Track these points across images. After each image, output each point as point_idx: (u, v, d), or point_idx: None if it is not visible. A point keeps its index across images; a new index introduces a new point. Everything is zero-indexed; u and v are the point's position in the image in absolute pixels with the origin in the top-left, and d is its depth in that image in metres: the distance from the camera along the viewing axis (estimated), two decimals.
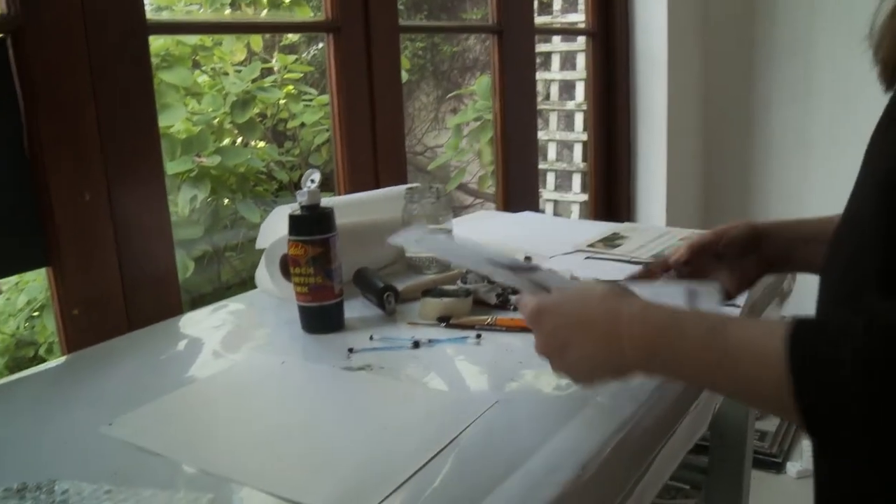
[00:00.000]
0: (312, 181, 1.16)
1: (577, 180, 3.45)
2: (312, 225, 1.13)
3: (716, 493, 1.64)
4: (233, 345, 1.17)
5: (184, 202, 2.76)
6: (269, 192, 3.05)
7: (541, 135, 3.28)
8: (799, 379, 0.62)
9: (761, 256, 1.09)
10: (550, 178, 3.48)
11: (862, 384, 0.59)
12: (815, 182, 2.99)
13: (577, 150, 3.41)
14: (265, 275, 1.31)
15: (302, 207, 1.14)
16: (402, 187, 1.50)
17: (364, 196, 1.54)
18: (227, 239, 2.96)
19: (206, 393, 1.00)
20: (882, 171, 0.70)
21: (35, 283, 2.99)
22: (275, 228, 1.34)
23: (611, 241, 1.62)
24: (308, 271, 1.13)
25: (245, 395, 0.99)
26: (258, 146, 3.22)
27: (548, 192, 3.45)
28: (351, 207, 1.39)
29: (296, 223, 1.14)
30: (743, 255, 1.09)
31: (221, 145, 2.99)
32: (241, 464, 0.82)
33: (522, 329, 1.13)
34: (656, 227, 1.88)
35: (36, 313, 3.11)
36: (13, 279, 3.22)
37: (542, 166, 3.36)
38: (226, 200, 2.98)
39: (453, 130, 3.76)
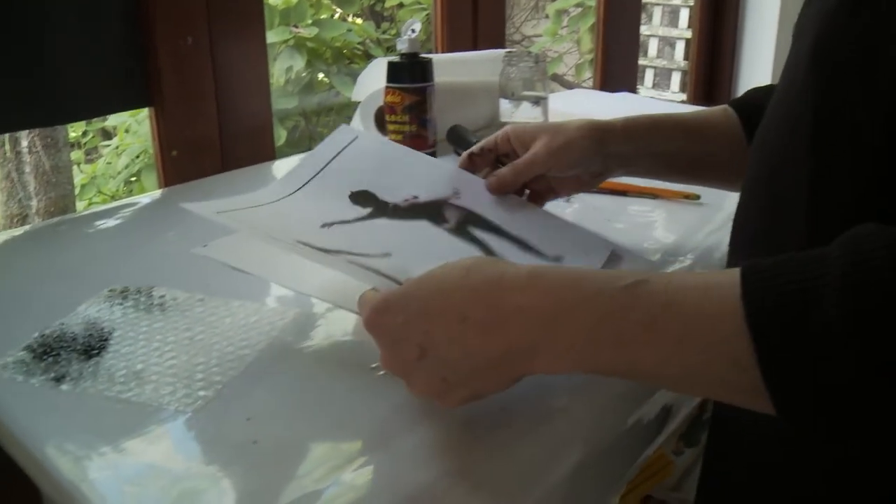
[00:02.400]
0: (413, 31, 1.15)
1: (675, 79, 3.36)
2: (410, 72, 1.13)
3: None
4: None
5: (279, 72, 2.78)
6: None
7: (643, 29, 3.18)
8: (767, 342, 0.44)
9: (606, 159, 0.88)
10: (649, 76, 3.41)
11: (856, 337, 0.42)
12: None
13: (679, 48, 3.31)
14: (359, 127, 1.31)
15: (401, 55, 1.13)
16: (501, 51, 1.47)
17: (462, 56, 1.53)
18: (320, 111, 2.98)
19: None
20: (811, 37, 0.57)
21: (135, 144, 3.07)
22: (372, 80, 1.34)
23: None
24: (403, 119, 1.13)
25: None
26: (355, 22, 3.20)
27: (644, 90, 3.38)
28: (448, 66, 1.38)
29: (394, 70, 1.14)
30: (585, 167, 0.88)
31: (319, 17, 2.98)
32: (327, 286, 0.83)
33: (613, 192, 1.12)
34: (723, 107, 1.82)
35: (133, 178, 3.21)
36: (114, 142, 3.32)
37: (641, 62, 3.27)
38: (321, 75, 2.99)
39: (553, 16, 3.67)
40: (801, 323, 0.42)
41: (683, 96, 3.16)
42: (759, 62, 2.78)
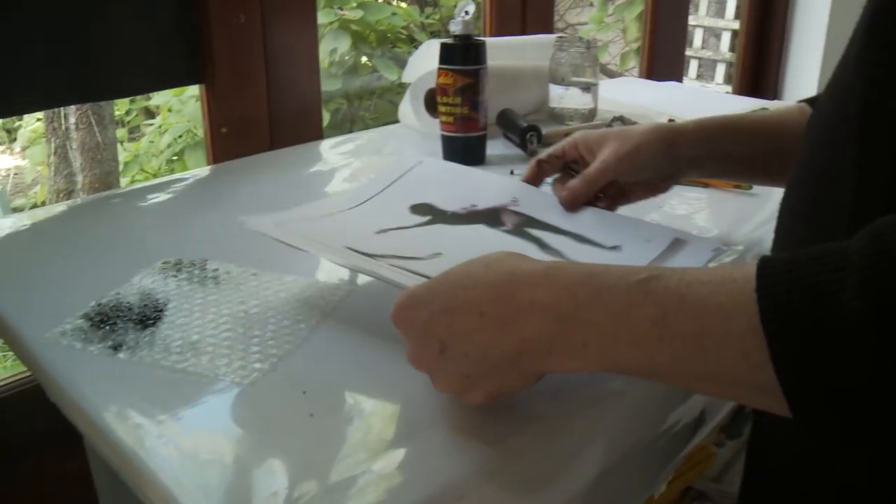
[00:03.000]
0: (467, 12, 1.14)
1: (720, 70, 3.32)
2: (464, 54, 1.12)
3: None
4: (374, 166, 1.20)
5: (323, 54, 2.78)
6: (408, 53, 3.05)
7: (689, 19, 3.15)
8: (778, 339, 0.42)
9: (676, 161, 0.86)
10: (693, 66, 3.37)
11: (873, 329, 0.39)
12: None
13: (725, 39, 3.27)
14: (409, 109, 1.31)
15: (454, 37, 1.13)
16: (552, 35, 1.47)
17: (513, 40, 1.52)
18: (363, 94, 2.99)
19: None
20: (868, 13, 0.55)
21: (178, 124, 3.10)
22: (422, 62, 1.34)
23: None
24: (455, 101, 1.13)
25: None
26: (400, 6, 3.20)
27: (688, 81, 3.34)
28: (499, 50, 1.37)
29: (447, 51, 1.13)
30: (656, 170, 0.87)
31: (364, 0, 2.99)
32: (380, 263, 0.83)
33: None
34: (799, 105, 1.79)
35: (175, 157, 3.23)
36: (157, 121, 3.35)
37: (686, 52, 3.24)
38: (364, 58, 2.99)
39: (599, 4, 3.65)
40: (817, 317, 0.41)
41: (728, 88, 3.12)
42: (809, 54, 2.74)
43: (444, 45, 1.13)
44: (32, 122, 3.51)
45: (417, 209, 0.86)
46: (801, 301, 0.41)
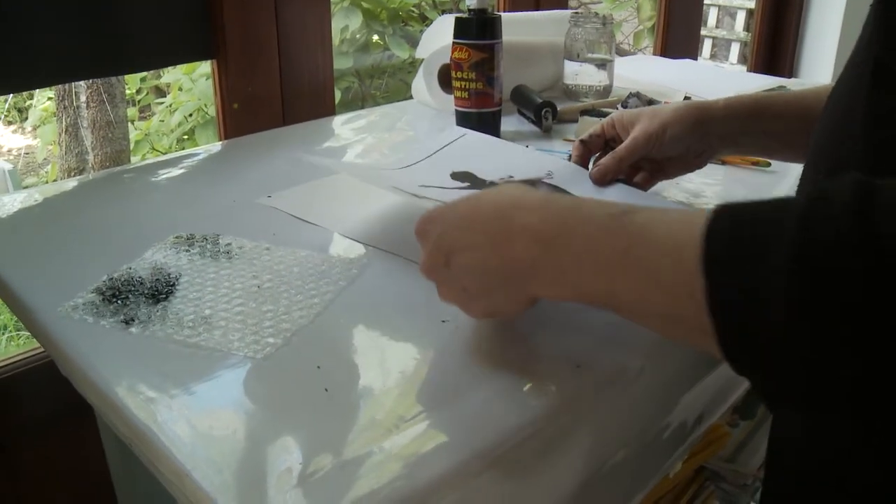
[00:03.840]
0: None
1: (734, 50, 3.29)
2: (479, 29, 1.10)
3: None
4: (387, 142, 1.18)
5: (335, 31, 2.77)
6: (420, 31, 3.03)
7: None
8: (714, 278, 0.43)
9: (707, 138, 0.87)
10: (706, 45, 3.33)
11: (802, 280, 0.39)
12: None
13: (740, 18, 3.24)
14: (422, 84, 1.30)
15: (469, 11, 1.11)
16: (567, 11, 1.45)
17: (528, 16, 1.50)
18: (374, 73, 2.97)
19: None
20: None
21: (189, 102, 3.09)
22: (436, 37, 1.32)
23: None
24: (470, 76, 1.11)
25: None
26: None
27: (702, 60, 3.31)
28: (513, 25, 1.36)
29: (462, 26, 1.11)
30: (686, 147, 0.88)
31: None
32: (388, 236, 0.83)
33: None
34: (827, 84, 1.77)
35: (186, 136, 3.23)
36: (167, 100, 3.35)
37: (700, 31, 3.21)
38: (375, 36, 2.97)
39: None
40: (749, 265, 0.41)
41: (742, 68, 3.09)
42: (826, 33, 2.70)
43: (458, 20, 1.12)
44: (43, 101, 3.51)
45: (458, 176, 0.90)
46: (737, 249, 0.42)
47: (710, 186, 1.01)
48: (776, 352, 0.41)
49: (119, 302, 0.69)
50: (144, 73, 3.34)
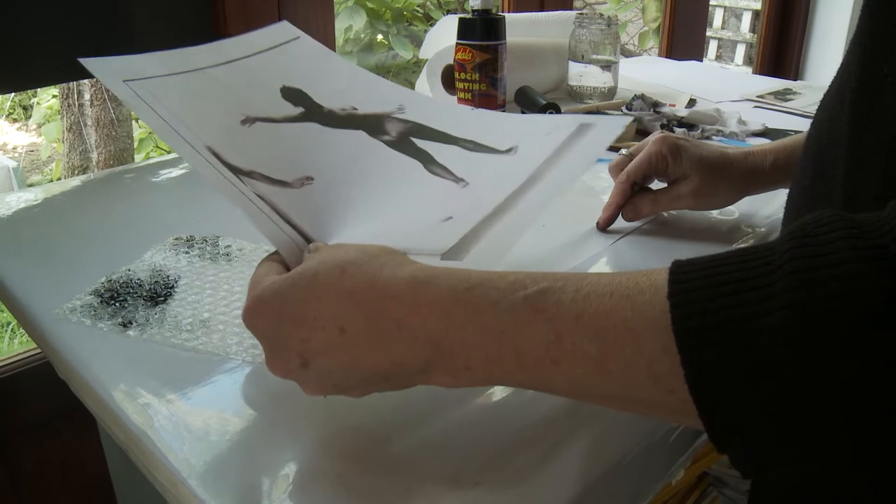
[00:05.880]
0: None
1: (740, 51, 3.28)
2: (483, 29, 1.10)
3: None
4: None
5: (339, 31, 2.76)
6: (424, 31, 3.03)
7: None
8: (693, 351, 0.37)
9: (751, 191, 0.87)
10: (712, 47, 3.33)
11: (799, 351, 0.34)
12: None
13: (746, 19, 3.23)
14: (426, 85, 1.29)
15: (473, 11, 1.11)
16: (572, 12, 1.44)
17: (532, 16, 1.49)
18: (378, 72, 2.97)
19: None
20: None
21: None
22: (440, 38, 1.32)
23: (782, 94, 1.53)
24: (473, 77, 1.11)
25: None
26: None
27: (707, 61, 3.30)
28: (518, 26, 1.35)
29: (466, 26, 1.11)
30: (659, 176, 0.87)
31: None
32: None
33: None
34: None
35: None
36: None
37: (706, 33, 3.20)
38: (379, 36, 2.97)
39: None
40: (739, 342, 0.35)
41: (748, 69, 3.08)
42: (832, 36, 2.70)
43: (462, 20, 1.11)
44: (48, 99, 3.50)
45: (289, 94, 0.72)
46: (720, 321, 0.36)
47: None
48: (779, 441, 0.36)
49: (117, 304, 0.68)
50: None
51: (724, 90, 1.53)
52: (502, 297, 0.43)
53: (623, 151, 0.92)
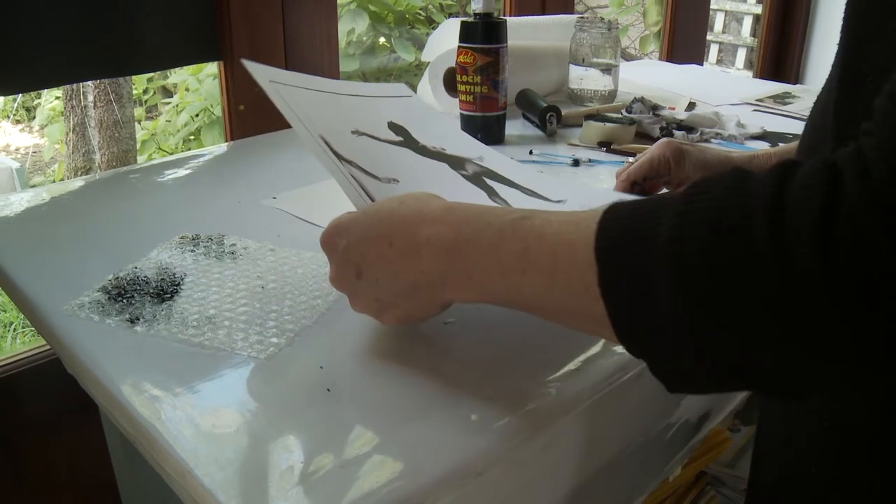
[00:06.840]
0: None
1: (740, 55, 3.28)
2: (484, 32, 1.11)
3: None
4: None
5: (341, 34, 2.77)
6: (427, 34, 3.03)
7: (710, 3, 3.11)
8: (604, 264, 0.46)
9: (675, 177, 0.93)
10: (713, 51, 3.33)
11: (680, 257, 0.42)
12: None
13: (747, 23, 3.23)
14: (428, 88, 1.30)
15: (475, 15, 1.12)
16: (573, 16, 1.45)
17: (533, 20, 1.51)
18: (380, 75, 2.98)
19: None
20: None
21: (195, 102, 3.09)
22: (442, 41, 1.33)
23: (781, 98, 1.54)
24: (475, 80, 1.12)
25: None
26: None
27: (708, 65, 3.30)
28: (519, 29, 1.36)
29: (467, 30, 1.12)
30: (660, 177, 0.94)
31: None
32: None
33: None
34: None
35: (192, 136, 3.24)
36: (174, 100, 3.35)
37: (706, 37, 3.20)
38: (381, 39, 2.98)
39: None
40: (634, 254, 0.44)
41: (748, 73, 3.09)
42: (832, 40, 2.70)
43: (464, 24, 1.12)
44: (51, 101, 3.52)
45: (394, 127, 0.88)
46: (625, 238, 0.45)
47: None
48: (662, 334, 0.43)
49: (124, 301, 0.70)
50: (151, 74, 3.35)
51: (724, 94, 1.54)
52: (497, 219, 0.54)
53: (631, 159, 0.94)
